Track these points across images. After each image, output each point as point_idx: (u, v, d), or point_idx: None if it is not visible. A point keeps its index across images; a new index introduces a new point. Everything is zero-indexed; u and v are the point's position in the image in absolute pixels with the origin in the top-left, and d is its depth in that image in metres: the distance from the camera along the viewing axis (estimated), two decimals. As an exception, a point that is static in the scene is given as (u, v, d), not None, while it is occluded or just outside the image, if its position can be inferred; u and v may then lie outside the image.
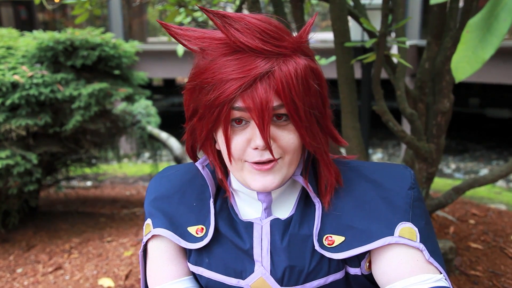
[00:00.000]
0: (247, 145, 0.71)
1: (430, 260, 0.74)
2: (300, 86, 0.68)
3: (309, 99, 0.70)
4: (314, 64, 0.72)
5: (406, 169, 0.81)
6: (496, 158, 6.54)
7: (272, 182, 0.73)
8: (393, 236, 0.74)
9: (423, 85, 1.85)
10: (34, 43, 2.68)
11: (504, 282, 2.01)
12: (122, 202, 3.82)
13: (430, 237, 0.77)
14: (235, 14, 0.67)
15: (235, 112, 0.69)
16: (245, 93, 0.66)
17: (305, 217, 0.79)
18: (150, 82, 8.40)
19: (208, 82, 0.68)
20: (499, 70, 5.58)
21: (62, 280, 2.24)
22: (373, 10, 3.21)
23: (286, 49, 0.68)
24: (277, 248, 0.78)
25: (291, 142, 0.72)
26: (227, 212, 0.84)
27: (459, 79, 0.46)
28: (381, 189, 0.78)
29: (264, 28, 0.67)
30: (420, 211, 0.77)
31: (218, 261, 0.82)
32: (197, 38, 0.71)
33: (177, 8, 1.99)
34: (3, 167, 2.36)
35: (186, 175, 0.90)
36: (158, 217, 0.86)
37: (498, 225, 2.71)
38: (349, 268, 0.79)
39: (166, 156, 6.21)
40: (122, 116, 3.22)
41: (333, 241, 0.76)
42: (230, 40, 0.67)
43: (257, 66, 0.66)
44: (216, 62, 0.68)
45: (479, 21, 0.46)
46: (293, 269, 0.77)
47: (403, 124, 5.65)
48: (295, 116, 0.69)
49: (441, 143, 1.88)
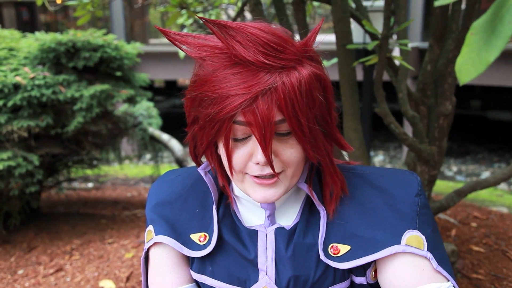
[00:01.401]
0: (248, 159, 0.70)
1: (438, 269, 0.72)
2: (304, 99, 0.65)
3: (313, 113, 0.68)
4: (320, 71, 0.69)
5: (412, 175, 0.80)
6: (497, 160, 6.53)
7: (274, 195, 0.72)
8: (400, 245, 0.72)
9: (425, 87, 1.85)
10: (36, 45, 2.68)
11: (506, 286, 2.00)
12: (123, 203, 3.82)
13: (437, 245, 0.75)
14: (236, 24, 0.65)
15: (237, 126, 0.67)
16: (246, 109, 0.64)
17: (309, 226, 0.78)
18: (151, 83, 8.40)
19: (209, 96, 0.66)
20: (501, 72, 5.57)
21: (63, 282, 2.24)
22: (375, 12, 3.22)
23: (289, 61, 0.66)
24: (281, 257, 0.77)
25: (293, 156, 0.70)
26: (230, 219, 0.82)
27: (463, 82, 0.46)
28: (387, 196, 0.76)
29: (267, 40, 0.64)
30: (427, 219, 0.76)
31: (222, 269, 0.81)
32: (197, 45, 0.69)
33: (179, 10, 1.99)
34: (4, 168, 2.36)
35: (187, 180, 0.88)
36: (160, 223, 0.85)
37: (500, 228, 2.70)
38: (354, 277, 0.78)
39: (168, 157, 6.21)
40: (124, 118, 3.22)
41: (339, 250, 0.75)
42: (231, 53, 0.65)
43: (259, 83, 0.64)
44: (216, 74, 0.66)
45: (483, 23, 0.45)
46: (298, 279, 0.76)
47: (405, 126, 5.64)
48: (298, 132, 0.67)
49: (443, 145, 1.88)
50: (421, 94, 1.86)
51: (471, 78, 0.44)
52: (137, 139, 3.47)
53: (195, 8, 2.01)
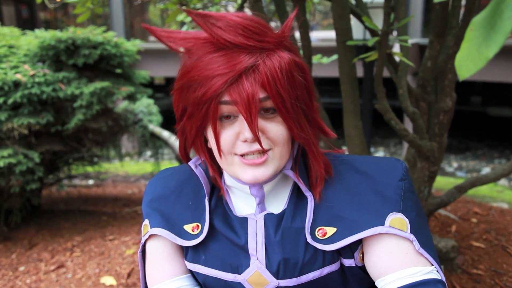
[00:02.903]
0: (236, 139, 0.73)
1: (420, 251, 0.74)
2: (285, 78, 0.69)
3: (294, 91, 0.72)
4: (298, 59, 0.74)
5: (397, 162, 0.82)
6: (498, 156, 6.53)
7: (264, 174, 0.74)
8: (383, 226, 0.74)
9: (425, 83, 1.85)
10: (36, 42, 2.68)
11: (506, 281, 2.00)
12: (124, 200, 3.83)
13: (421, 229, 0.77)
14: (217, 14, 0.70)
15: (223, 107, 0.71)
16: (231, 88, 0.68)
17: (297, 211, 0.81)
18: (151, 80, 8.40)
19: (195, 80, 0.70)
20: (501, 68, 5.56)
21: (64, 278, 2.25)
22: (375, 8, 3.21)
23: (269, 44, 0.70)
24: (271, 242, 0.80)
25: (279, 134, 0.73)
26: (222, 209, 0.85)
27: (463, 77, 0.46)
28: (372, 180, 0.79)
29: (246, 25, 0.69)
30: (411, 203, 0.78)
31: (215, 257, 0.83)
32: (181, 39, 0.73)
33: (178, 7, 1.99)
34: (5, 165, 2.36)
35: (182, 175, 0.91)
36: (155, 217, 0.87)
37: (500, 224, 2.71)
38: (343, 259, 0.80)
39: (168, 154, 6.21)
40: (124, 115, 3.22)
41: (325, 232, 0.77)
42: (213, 38, 0.69)
43: (242, 61, 0.68)
44: (201, 60, 0.70)
45: (483, 19, 0.46)
46: (287, 262, 0.78)
47: (405, 122, 5.64)
48: (281, 107, 0.70)
49: (443, 141, 1.88)
50: (421, 90, 1.86)
51: (471, 74, 0.44)
52: (137, 136, 3.48)
53: (194, 5, 2.01)
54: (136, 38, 3.33)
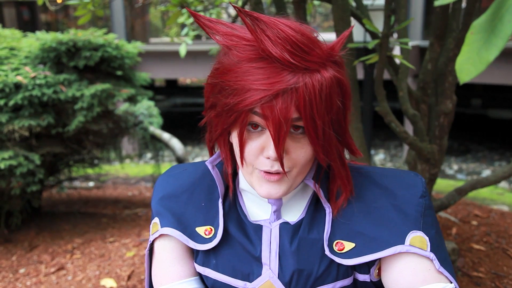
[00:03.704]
0: (259, 153, 0.71)
1: (441, 269, 0.73)
2: (323, 103, 0.66)
3: (329, 116, 0.68)
4: (342, 75, 0.70)
5: (417, 177, 0.81)
6: (498, 159, 6.52)
7: (277, 192, 0.73)
8: (404, 245, 0.73)
9: (426, 86, 1.85)
10: (37, 44, 2.69)
11: (506, 284, 2.00)
12: (124, 202, 3.83)
13: (440, 246, 0.76)
14: (268, 19, 0.65)
15: (253, 115, 0.67)
16: (265, 105, 0.65)
17: (315, 222, 0.79)
18: (152, 82, 8.41)
19: (230, 86, 0.67)
20: (501, 71, 5.57)
21: (65, 281, 2.24)
22: (375, 11, 3.21)
23: (314, 64, 0.66)
24: (285, 251, 0.78)
25: (302, 156, 0.71)
26: (236, 213, 0.83)
27: (463, 81, 0.46)
28: (392, 196, 0.77)
29: (295, 39, 0.64)
30: (431, 220, 0.77)
31: (226, 263, 0.81)
32: (225, 33, 0.69)
33: (179, 9, 1.99)
34: (6, 167, 2.37)
35: (194, 174, 0.89)
36: (166, 216, 0.85)
37: (501, 226, 2.71)
38: (358, 274, 0.79)
39: (168, 156, 6.21)
40: (125, 117, 3.22)
41: (344, 247, 0.76)
42: (259, 46, 0.65)
43: (282, 81, 0.64)
44: (240, 65, 0.66)
45: (483, 22, 0.46)
46: (301, 273, 0.77)
47: (406, 125, 5.64)
48: (312, 133, 0.67)
49: (444, 144, 1.88)
50: (421, 92, 1.86)
51: (471, 77, 0.44)
52: (138, 138, 3.48)
53: (195, 7, 2.02)
54: (136, 40, 3.34)
